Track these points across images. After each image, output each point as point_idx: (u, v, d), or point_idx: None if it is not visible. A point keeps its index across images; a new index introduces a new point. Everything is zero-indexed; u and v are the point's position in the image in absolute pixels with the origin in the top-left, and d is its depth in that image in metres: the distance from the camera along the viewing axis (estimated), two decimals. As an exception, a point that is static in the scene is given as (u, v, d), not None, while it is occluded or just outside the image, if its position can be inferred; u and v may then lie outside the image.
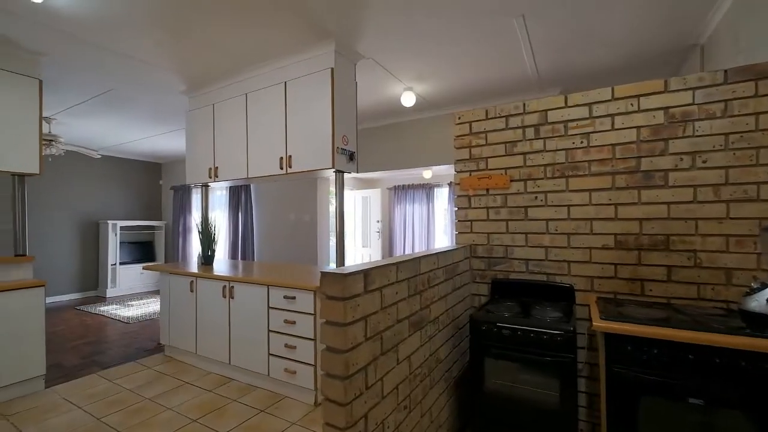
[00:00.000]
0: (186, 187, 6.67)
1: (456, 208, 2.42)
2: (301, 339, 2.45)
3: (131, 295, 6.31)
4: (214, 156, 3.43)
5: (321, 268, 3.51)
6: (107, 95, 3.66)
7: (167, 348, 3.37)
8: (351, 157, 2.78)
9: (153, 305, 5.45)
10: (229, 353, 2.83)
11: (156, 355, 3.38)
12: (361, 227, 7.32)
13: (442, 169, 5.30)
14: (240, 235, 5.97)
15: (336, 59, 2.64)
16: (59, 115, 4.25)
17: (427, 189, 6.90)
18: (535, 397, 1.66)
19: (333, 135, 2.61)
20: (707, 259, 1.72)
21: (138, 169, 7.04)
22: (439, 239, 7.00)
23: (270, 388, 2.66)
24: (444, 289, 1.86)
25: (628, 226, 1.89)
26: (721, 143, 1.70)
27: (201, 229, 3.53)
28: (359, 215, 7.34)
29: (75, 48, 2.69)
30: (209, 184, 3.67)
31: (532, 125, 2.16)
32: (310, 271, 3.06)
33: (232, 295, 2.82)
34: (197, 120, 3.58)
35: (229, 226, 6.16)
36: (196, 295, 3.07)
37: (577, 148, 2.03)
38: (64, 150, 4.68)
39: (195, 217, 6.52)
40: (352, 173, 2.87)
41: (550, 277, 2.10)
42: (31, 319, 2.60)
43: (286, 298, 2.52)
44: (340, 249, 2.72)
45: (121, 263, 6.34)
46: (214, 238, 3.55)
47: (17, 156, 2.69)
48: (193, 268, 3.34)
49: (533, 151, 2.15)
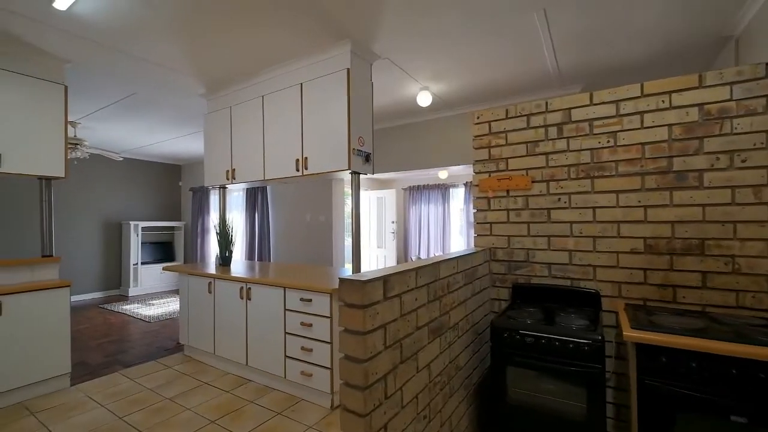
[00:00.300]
0: (204, 189, 6.78)
1: (474, 210, 2.36)
2: (318, 342, 2.44)
3: (152, 294, 6.47)
4: (231, 158, 3.46)
5: (336, 269, 3.50)
6: (129, 99, 3.75)
7: (186, 348, 3.42)
8: (367, 158, 2.75)
9: (173, 304, 5.57)
10: (247, 354, 2.84)
11: (176, 354, 3.43)
12: (375, 228, 7.30)
13: (458, 169, 5.23)
14: (257, 236, 6.03)
15: (352, 60, 2.62)
16: (84, 120, 4.38)
17: (443, 189, 6.83)
18: (559, 408, 1.59)
19: (349, 136, 2.59)
20: (747, 264, 1.62)
21: (158, 171, 7.20)
22: (455, 240, 6.91)
23: (286, 390, 2.66)
24: (463, 294, 1.81)
25: (659, 230, 1.80)
26: (762, 141, 1.60)
27: (219, 231, 3.57)
28: (374, 216, 7.32)
29: (98, 54, 2.76)
30: (227, 186, 3.71)
31: (554, 124, 2.08)
32: (326, 272, 3.05)
33: (249, 297, 2.84)
34: (215, 122, 3.62)
35: (246, 227, 6.24)
36: (214, 295, 3.11)
37: (603, 148, 1.94)
38: (88, 153, 4.83)
39: (213, 218, 6.63)
40: (368, 174, 2.85)
41: (574, 282, 2.02)
42: (57, 319, 2.68)
43: (303, 300, 2.51)
44: (355, 251, 2.70)
45: (142, 263, 6.50)
46: (231, 239, 3.59)
47: (44, 160, 2.77)
48: (211, 268, 3.38)
49: (556, 151, 2.08)
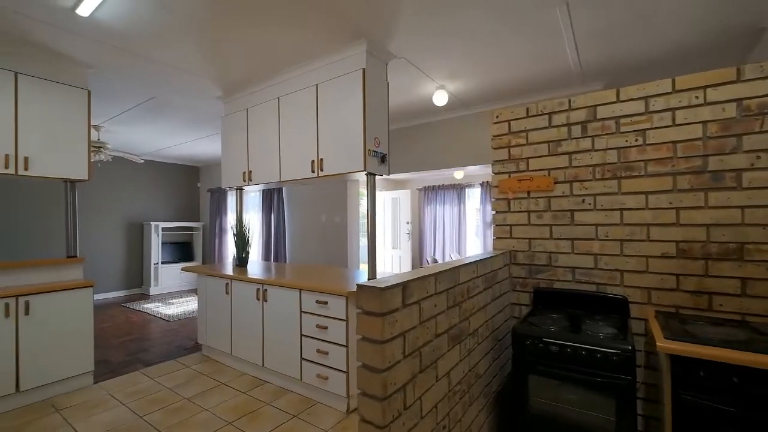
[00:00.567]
0: (222, 190, 6.89)
1: (493, 212, 2.30)
2: (334, 345, 2.42)
3: (172, 293, 6.61)
4: (248, 160, 3.48)
5: (352, 270, 3.48)
6: (149, 103, 3.82)
7: (204, 347, 3.46)
8: (383, 159, 2.71)
9: (192, 303, 5.67)
10: (263, 356, 2.85)
11: (194, 354, 3.48)
12: (390, 228, 7.26)
13: (474, 168, 5.13)
14: (273, 237, 6.09)
15: (368, 59, 2.59)
16: (106, 123, 4.50)
17: (458, 189, 6.73)
18: (585, 420, 1.52)
19: (364, 137, 2.56)
20: (792, 271, 1.51)
21: (178, 173, 7.36)
22: (471, 241, 6.81)
23: (302, 392, 2.65)
24: (483, 299, 1.76)
25: (692, 233, 1.70)
26: (810, 138, 1.48)
27: (236, 232, 3.60)
28: (389, 216, 7.29)
29: (119, 58, 2.81)
30: (243, 188, 3.74)
31: (578, 122, 2.00)
32: (342, 274, 3.03)
33: (265, 298, 2.84)
34: (232, 124, 3.65)
35: (263, 228, 6.30)
36: (231, 296, 3.13)
37: (630, 147, 1.85)
38: (111, 156, 4.96)
39: (230, 219, 6.73)
40: (384, 175, 2.81)
41: (599, 288, 1.94)
42: (81, 318, 2.75)
43: (318, 302, 2.50)
44: (371, 253, 2.67)
45: (162, 262, 6.65)
46: (248, 240, 3.62)
47: (68, 163, 2.84)
48: (229, 269, 3.41)
49: (580, 151, 1.99)
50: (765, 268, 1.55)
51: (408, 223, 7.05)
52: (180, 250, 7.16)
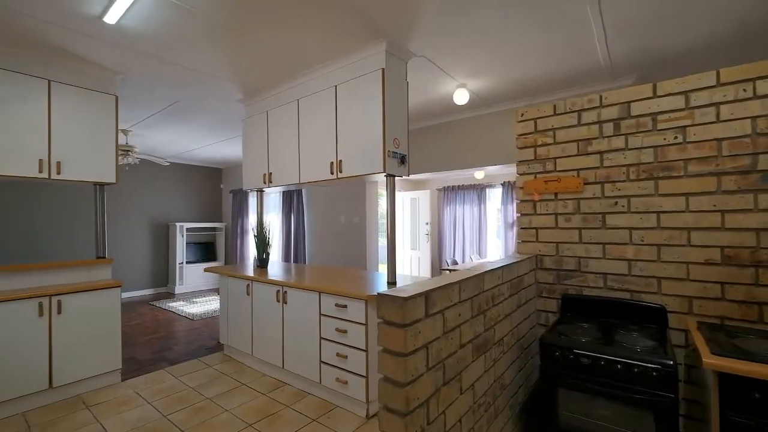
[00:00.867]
0: (244, 191, 7.00)
1: (518, 214, 2.21)
2: (353, 349, 2.39)
3: (196, 292, 6.78)
4: (268, 162, 3.51)
5: (371, 272, 3.45)
6: (173, 107, 3.91)
7: (226, 347, 3.51)
8: (402, 160, 2.66)
9: (214, 303, 5.79)
10: (283, 358, 2.86)
11: (216, 353, 3.54)
12: (409, 229, 7.20)
13: (495, 168, 5.00)
14: (293, 237, 6.14)
15: (387, 59, 2.55)
16: (134, 127, 4.64)
17: (479, 190, 6.60)
18: (620, 437, 1.42)
19: (384, 138, 2.52)
20: None
21: (201, 175, 7.55)
22: (491, 242, 6.66)
23: (322, 395, 2.64)
24: (509, 306, 1.68)
25: (740, 238, 1.56)
26: None
27: (256, 233, 3.64)
28: (407, 217, 7.23)
29: (145, 64, 2.88)
30: (264, 190, 3.77)
31: (610, 120, 1.89)
32: (361, 277, 3.00)
33: (285, 300, 2.85)
34: (252, 127, 3.69)
35: (283, 229, 6.37)
36: (252, 298, 3.16)
37: (669, 145, 1.73)
38: (138, 159, 5.12)
39: (252, 220, 6.84)
40: (403, 177, 2.76)
41: (634, 295, 1.82)
42: (109, 317, 2.83)
43: (338, 306, 2.47)
44: (391, 256, 2.62)
45: (187, 262, 6.83)
46: (268, 241, 3.65)
47: (98, 167, 2.94)
48: (250, 270, 3.44)
49: (612, 150, 1.88)
50: (825, 277, 1.41)
51: (427, 223, 6.97)
52: (203, 250, 7.34)
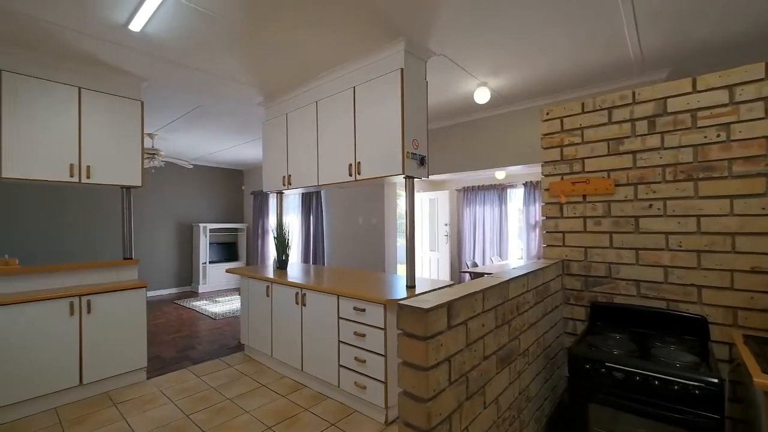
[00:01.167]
0: (264, 192, 7.11)
1: (543, 217, 2.12)
2: (371, 353, 2.36)
3: (218, 291, 6.94)
4: (287, 164, 3.53)
5: (389, 274, 3.41)
6: (195, 111, 4.00)
7: (246, 347, 3.56)
8: (422, 161, 2.61)
9: (236, 302, 5.90)
10: (302, 360, 2.86)
11: (237, 354, 3.59)
12: (428, 230, 7.11)
13: (517, 168, 4.86)
14: (311, 238, 6.18)
15: (406, 59, 2.50)
16: (159, 131, 4.78)
17: (500, 190, 6.44)
18: (657, 458, 1.32)
19: (403, 139, 2.47)
20: None
21: (224, 176, 7.72)
22: (513, 244, 6.49)
23: (340, 399, 2.62)
24: (534, 315, 1.61)
25: (793, 245, 1.43)
26: None
27: (276, 235, 3.67)
28: (426, 218, 7.14)
29: (168, 70, 2.95)
30: (283, 192, 3.80)
31: (644, 117, 1.78)
32: (379, 279, 2.97)
33: (304, 303, 2.85)
34: (272, 129, 3.72)
35: (302, 230, 6.42)
36: (271, 299, 3.18)
37: (710, 144, 1.61)
38: (164, 162, 5.28)
39: (272, 220, 6.94)
40: (423, 178, 2.71)
41: (670, 304, 1.71)
42: (136, 316, 2.91)
43: (356, 309, 2.45)
44: (410, 259, 2.57)
45: (210, 262, 7.00)
46: (287, 243, 3.67)
47: (124, 171, 3.03)
48: (270, 271, 3.47)
49: (646, 149, 1.77)
50: None
51: (446, 224, 6.87)
52: (226, 250, 7.50)
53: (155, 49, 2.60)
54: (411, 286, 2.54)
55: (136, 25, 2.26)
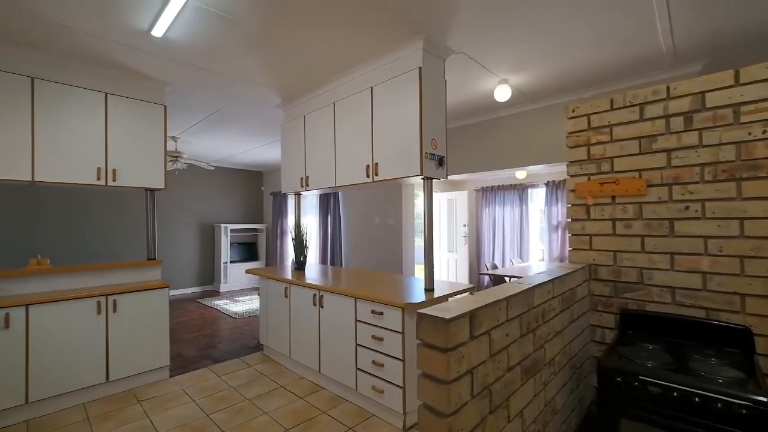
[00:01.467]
0: (282, 193, 7.20)
1: (568, 219, 2.03)
2: (389, 358, 2.32)
3: (239, 290, 7.06)
4: (305, 165, 3.54)
5: (407, 276, 3.36)
6: (216, 114, 4.07)
7: (265, 348, 3.59)
8: (440, 162, 2.55)
9: (256, 302, 5.99)
10: (319, 362, 2.85)
11: (256, 353, 3.62)
12: (446, 231, 7.02)
13: (538, 167, 4.72)
14: (329, 239, 6.20)
15: (424, 57, 2.45)
16: (182, 135, 4.90)
17: (520, 190, 6.28)
18: (696, 479, 1.23)
19: (421, 139, 2.42)
20: None
21: (244, 178, 7.86)
22: (534, 245, 6.32)
23: (358, 402, 2.59)
24: (560, 323, 1.53)
25: None
26: None
27: (294, 236, 3.69)
28: (444, 218, 7.05)
29: (190, 74, 3.01)
30: (301, 193, 3.81)
31: (680, 113, 1.67)
32: (397, 281, 2.93)
33: (321, 304, 2.84)
34: (290, 131, 3.74)
35: (320, 230, 6.46)
36: (289, 300, 3.19)
37: (756, 141, 1.49)
38: (186, 164, 5.41)
39: (291, 221, 7.01)
40: (441, 179, 2.65)
41: (710, 313, 1.59)
42: (159, 315, 2.98)
43: (374, 312, 2.42)
44: (428, 261, 2.52)
45: (231, 261, 7.14)
46: (305, 244, 3.68)
47: (148, 173, 3.11)
48: (288, 272, 3.49)
49: (682, 147, 1.66)
50: None
51: (464, 225, 6.75)
52: (246, 250, 7.63)
53: (177, 53, 2.65)
54: (429, 289, 2.49)
55: (158, 30, 2.30)
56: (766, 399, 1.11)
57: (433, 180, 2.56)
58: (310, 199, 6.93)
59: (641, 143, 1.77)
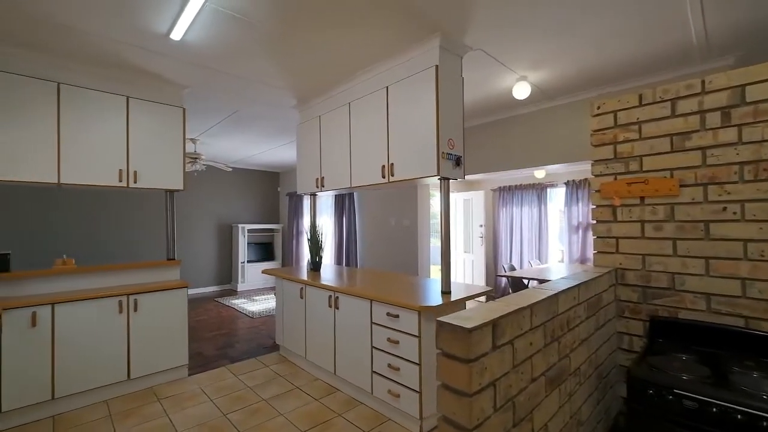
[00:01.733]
0: (298, 194, 7.26)
1: (593, 221, 1.94)
2: (405, 361, 2.28)
3: (256, 290, 7.15)
4: (320, 166, 3.53)
5: (422, 277, 3.31)
6: (233, 116, 4.12)
7: (281, 348, 3.60)
8: (457, 162, 2.49)
9: (272, 301, 6.04)
10: (335, 363, 2.84)
11: (272, 354, 3.64)
12: (462, 232, 6.92)
13: (558, 166, 4.59)
14: (344, 240, 6.20)
15: (441, 55, 2.40)
16: (201, 136, 4.99)
17: (539, 190, 6.12)
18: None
19: (438, 139, 2.37)
20: None
21: (261, 178, 7.96)
22: (553, 246, 6.15)
23: (373, 406, 2.56)
24: (585, 330, 1.46)
25: None
26: None
27: (309, 236, 3.69)
28: (460, 219, 6.95)
29: (208, 77, 3.04)
30: (316, 194, 3.81)
31: (716, 108, 1.57)
32: (413, 283, 2.89)
33: (337, 306, 2.83)
34: (306, 132, 3.75)
35: (335, 231, 6.47)
36: (305, 301, 3.19)
37: (802, 137, 1.38)
38: (205, 166, 5.50)
39: (307, 221, 7.06)
40: (458, 179, 2.59)
41: (750, 322, 1.49)
42: (178, 315, 3.03)
43: (389, 315, 2.38)
44: (445, 263, 2.47)
45: (248, 261, 7.24)
46: (321, 245, 3.68)
47: (167, 175, 3.16)
48: (304, 273, 3.50)
49: (719, 145, 1.56)
50: None
51: (481, 226, 6.64)
52: (263, 250, 7.73)
53: (195, 57, 2.68)
54: (446, 292, 2.44)
55: (177, 33, 2.33)
56: (818, 419, 1.02)
57: (450, 180, 2.51)
58: (326, 200, 6.95)
59: (673, 141, 1.67)
